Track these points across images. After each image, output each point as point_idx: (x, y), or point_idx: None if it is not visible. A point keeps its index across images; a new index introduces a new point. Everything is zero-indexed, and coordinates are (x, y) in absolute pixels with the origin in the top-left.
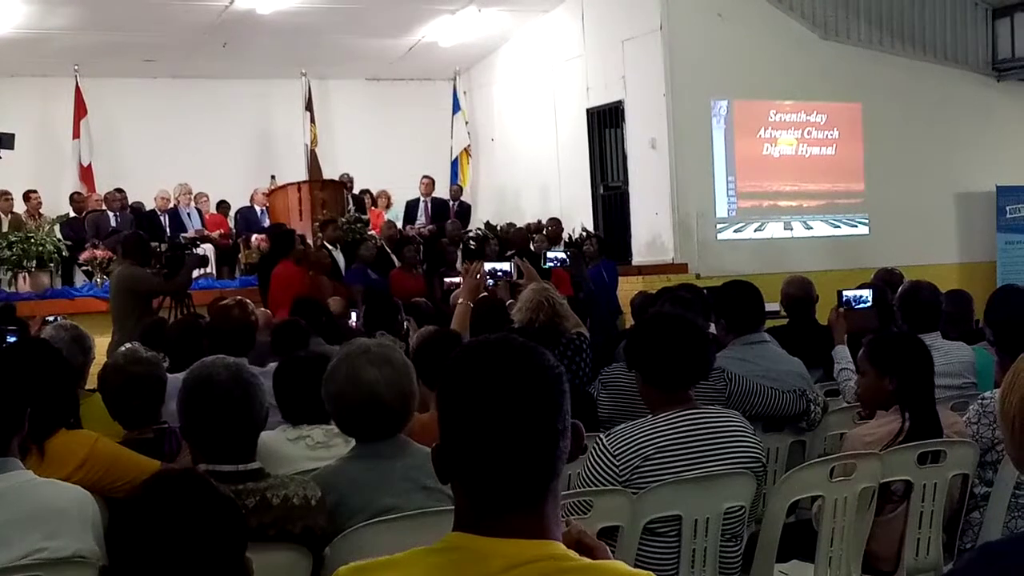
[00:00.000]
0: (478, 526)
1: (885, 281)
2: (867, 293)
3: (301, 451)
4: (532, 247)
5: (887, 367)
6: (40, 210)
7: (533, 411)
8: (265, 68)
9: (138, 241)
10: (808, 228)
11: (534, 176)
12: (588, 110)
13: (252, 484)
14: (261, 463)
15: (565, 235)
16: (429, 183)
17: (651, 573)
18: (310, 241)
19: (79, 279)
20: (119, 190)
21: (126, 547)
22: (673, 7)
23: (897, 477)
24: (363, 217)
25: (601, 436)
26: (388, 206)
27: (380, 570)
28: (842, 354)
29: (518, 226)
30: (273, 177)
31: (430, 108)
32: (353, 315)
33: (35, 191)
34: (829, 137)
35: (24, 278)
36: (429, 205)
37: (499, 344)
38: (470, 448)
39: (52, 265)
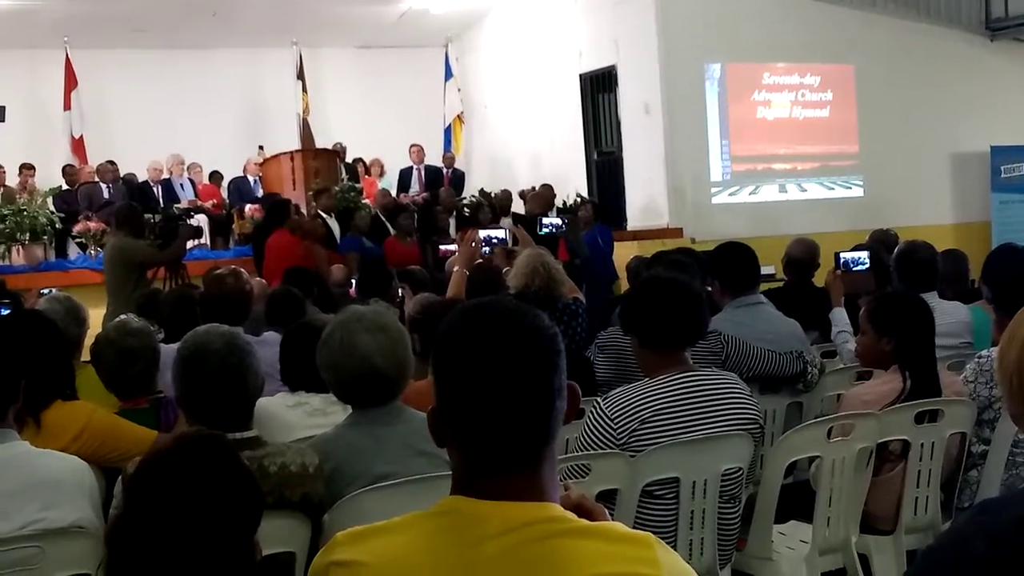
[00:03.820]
0: (475, 489)
1: (880, 242)
2: (864, 255)
3: (299, 417)
4: (525, 212)
5: (886, 327)
6: (33, 182)
7: (528, 370)
8: (255, 37)
9: (131, 212)
10: (803, 191)
11: (528, 142)
12: (581, 75)
13: (249, 452)
14: (259, 429)
15: (559, 201)
16: (419, 151)
17: (650, 534)
18: (304, 210)
19: (73, 251)
20: (111, 162)
21: (143, 498)
22: None
23: (894, 437)
24: (357, 186)
25: (598, 400)
26: (381, 174)
27: (378, 535)
28: (839, 316)
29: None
30: (261, 147)
31: (422, 76)
32: (353, 283)
33: (31, 166)
34: (823, 99)
35: (18, 251)
36: (423, 173)
37: (493, 305)
38: (466, 409)
39: (46, 238)
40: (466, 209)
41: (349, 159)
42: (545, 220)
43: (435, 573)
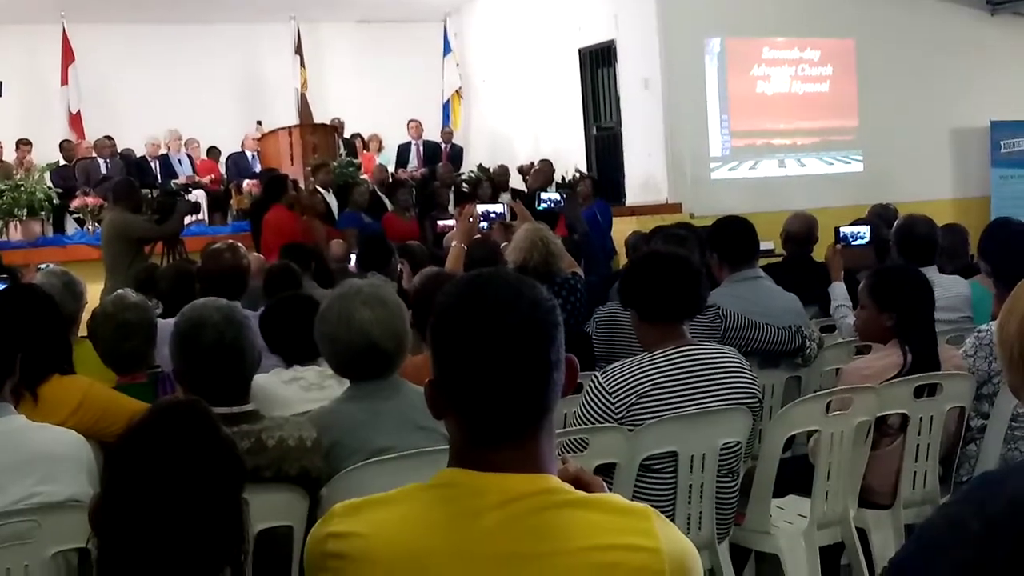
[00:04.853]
0: (472, 461)
1: (880, 216)
2: (864, 230)
3: (295, 393)
4: (527, 189)
5: (886, 301)
6: (30, 158)
7: (525, 342)
8: (253, 12)
9: (129, 187)
10: (802, 166)
11: (526, 118)
12: (580, 50)
13: (247, 426)
14: (256, 406)
15: (558, 176)
16: (417, 126)
17: (648, 506)
18: (302, 186)
19: (71, 227)
20: (108, 137)
21: (123, 472)
22: None
23: (893, 410)
24: (355, 161)
25: (596, 374)
26: (379, 150)
27: (375, 507)
28: (839, 291)
29: (510, 170)
30: (259, 123)
31: (420, 51)
32: (352, 258)
33: (28, 142)
34: (823, 74)
35: (15, 227)
36: (421, 148)
37: (491, 276)
38: (463, 380)
39: (43, 213)
40: (465, 185)
41: (347, 134)
42: (544, 195)
43: (433, 544)
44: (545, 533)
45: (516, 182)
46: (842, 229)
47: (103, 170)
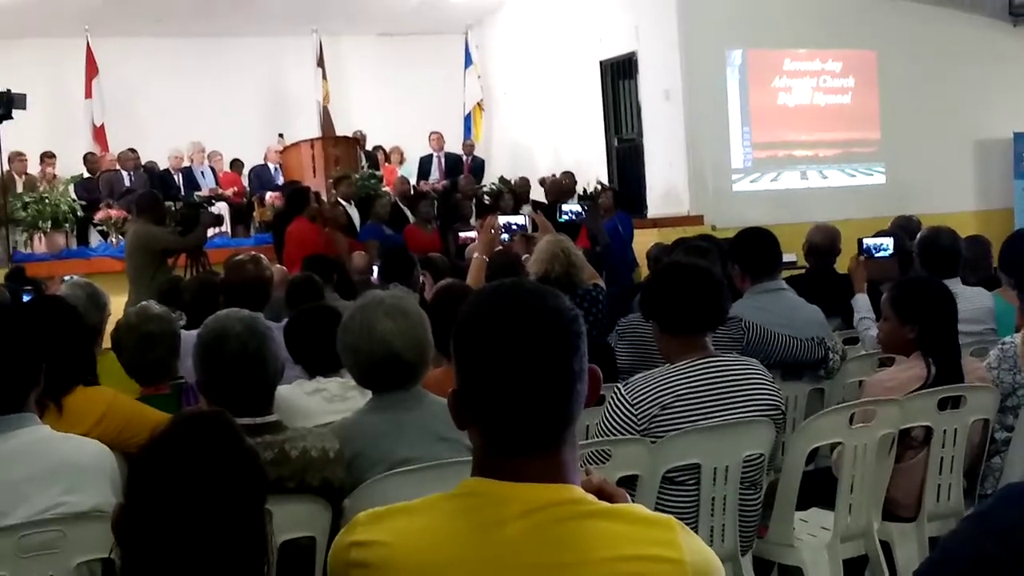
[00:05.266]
0: (496, 471)
1: (903, 228)
2: (888, 241)
3: (318, 404)
4: (547, 199)
5: (909, 313)
6: (54, 172)
7: (548, 351)
8: (275, 25)
9: (152, 200)
10: (824, 177)
11: (548, 129)
12: (601, 62)
13: (270, 436)
14: (279, 417)
15: (580, 188)
16: (439, 138)
17: (672, 517)
18: (324, 198)
19: (94, 239)
20: (132, 150)
21: (146, 482)
22: None
23: (917, 423)
24: (377, 173)
25: (619, 386)
26: (401, 162)
27: (398, 516)
28: (862, 303)
29: (531, 182)
30: (281, 135)
31: (442, 63)
32: (375, 270)
33: (52, 155)
34: (844, 86)
35: (40, 239)
36: (442, 160)
37: (514, 287)
38: (486, 390)
39: (67, 226)
40: (486, 197)
41: (369, 147)
42: (565, 207)
43: (456, 553)
44: (568, 543)
45: (537, 194)
46: (865, 241)
47: (127, 182)
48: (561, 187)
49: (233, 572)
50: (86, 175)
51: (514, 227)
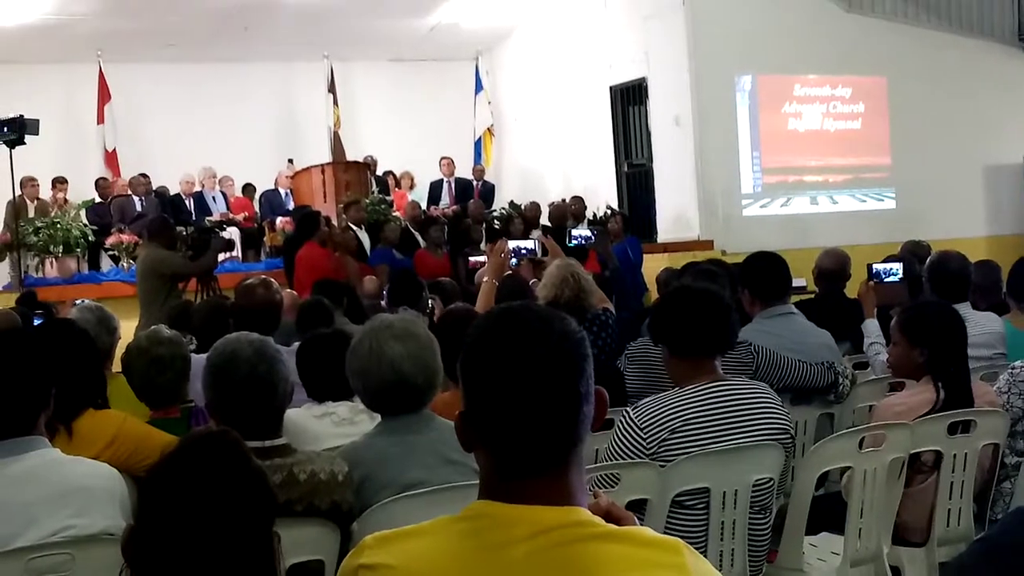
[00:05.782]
0: (503, 493)
1: (913, 253)
2: (898, 266)
3: (327, 428)
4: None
5: (919, 337)
6: (65, 196)
7: (555, 373)
8: (287, 51)
9: (163, 224)
10: (834, 203)
11: (558, 155)
12: (611, 87)
13: (279, 459)
14: (287, 440)
15: (590, 213)
16: (450, 163)
17: (679, 539)
18: (335, 223)
19: (106, 264)
20: (144, 175)
21: (154, 504)
22: None
23: (927, 447)
24: (387, 198)
25: (628, 410)
26: (412, 187)
27: (406, 538)
28: (872, 328)
29: (541, 207)
30: (291, 161)
31: (452, 89)
32: (385, 295)
33: (64, 180)
34: (854, 111)
35: (51, 263)
36: (453, 185)
37: (521, 309)
38: (493, 412)
39: (79, 250)
40: (496, 221)
41: (380, 172)
42: (575, 232)
43: (462, 575)
44: (575, 565)
45: (548, 219)
46: (875, 265)
47: (138, 207)
48: (565, 212)
49: None
50: (98, 200)
51: (524, 251)
